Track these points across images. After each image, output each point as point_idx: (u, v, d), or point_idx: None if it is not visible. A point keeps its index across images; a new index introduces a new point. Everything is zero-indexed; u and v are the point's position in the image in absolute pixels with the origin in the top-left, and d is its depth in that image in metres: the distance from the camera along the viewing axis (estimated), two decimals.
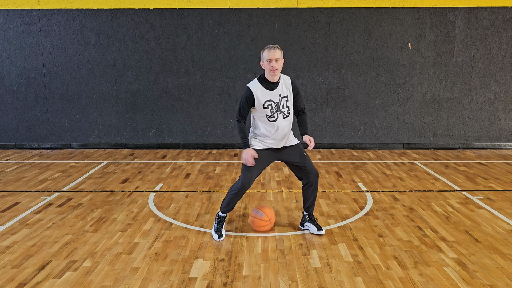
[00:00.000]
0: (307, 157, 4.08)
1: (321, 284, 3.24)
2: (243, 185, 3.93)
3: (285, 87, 3.91)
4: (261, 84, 3.89)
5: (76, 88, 8.31)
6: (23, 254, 3.75)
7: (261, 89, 3.86)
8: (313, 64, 8.22)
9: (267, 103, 3.85)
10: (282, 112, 3.90)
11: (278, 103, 3.87)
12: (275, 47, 3.80)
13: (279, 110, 3.88)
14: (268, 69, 3.80)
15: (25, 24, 8.11)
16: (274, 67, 3.77)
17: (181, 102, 8.36)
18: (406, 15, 8.05)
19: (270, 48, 3.79)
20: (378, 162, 7.29)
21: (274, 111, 3.87)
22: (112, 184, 5.93)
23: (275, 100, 3.86)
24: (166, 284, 3.25)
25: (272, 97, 3.86)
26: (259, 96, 3.84)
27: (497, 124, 8.35)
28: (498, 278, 3.31)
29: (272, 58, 3.76)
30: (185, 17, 8.11)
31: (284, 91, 3.90)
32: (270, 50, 3.78)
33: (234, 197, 4.01)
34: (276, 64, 3.77)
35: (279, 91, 3.88)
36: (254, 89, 3.86)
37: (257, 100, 3.85)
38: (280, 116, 3.90)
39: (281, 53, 3.82)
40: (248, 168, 3.93)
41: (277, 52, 3.78)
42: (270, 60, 3.77)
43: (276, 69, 3.78)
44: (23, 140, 8.50)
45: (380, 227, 4.35)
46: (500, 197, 5.31)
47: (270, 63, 3.77)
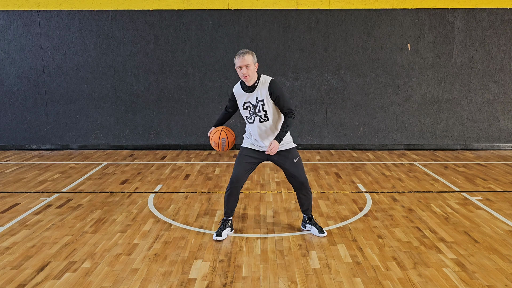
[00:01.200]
0: (297, 164, 4.03)
1: (320, 285, 3.24)
2: (231, 180, 4.01)
3: (262, 90, 3.86)
4: (241, 86, 3.94)
5: (76, 89, 8.31)
6: (23, 255, 3.75)
7: (241, 91, 3.93)
8: (312, 65, 8.23)
9: (246, 105, 3.93)
10: (259, 116, 3.90)
11: (254, 106, 3.89)
12: (245, 53, 3.78)
13: (255, 113, 3.90)
14: (241, 76, 3.83)
15: (25, 25, 8.12)
16: (244, 74, 3.79)
17: (180, 103, 8.36)
18: (405, 16, 8.07)
19: (239, 55, 3.79)
20: (377, 163, 7.29)
21: (251, 113, 3.92)
22: (111, 185, 5.94)
23: (252, 102, 3.90)
24: (165, 285, 3.25)
25: (250, 100, 3.90)
26: (238, 98, 3.96)
27: (496, 125, 8.36)
28: (497, 279, 3.32)
29: (241, 65, 3.77)
30: (184, 18, 8.12)
31: (261, 95, 3.86)
32: (240, 57, 3.78)
33: (228, 196, 4.07)
34: (247, 70, 3.77)
35: (256, 94, 3.87)
36: (235, 90, 3.99)
37: (238, 100, 3.96)
38: (256, 119, 3.92)
39: (252, 58, 3.81)
40: (237, 164, 4.02)
41: (246, 58, 3.76)
42: (240, 67, 3.79)
43: (247, 75, 3.79)
44: (23, 141, 8.50)
45: (379, 228, 4.35)
46: (499, 198, 5.31)
47: (240, 70, 3.80)
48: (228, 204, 4.09)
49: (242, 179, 4.02)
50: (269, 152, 3.83)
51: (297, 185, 4.08)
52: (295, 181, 4.07)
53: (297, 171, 4.03)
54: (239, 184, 4.02)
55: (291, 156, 4.02)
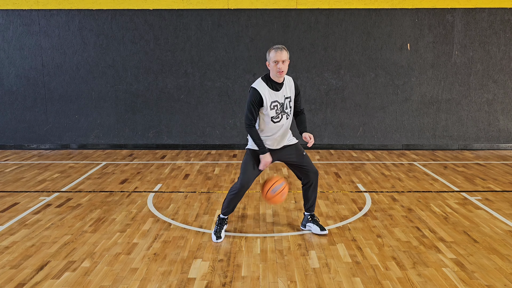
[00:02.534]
0: (306, 156, 4.07)
1: (320, 284, 3.25)
2: (242, 185, 3.93)
3: (288, 87, 3.89)
4: (267, 84, 3.83)
5: (75, 88, 8.31)
6: (22, 255, 3.75)
7: (268, 90, 3.81)
8: (312, 65, 8.23)
9: (273, 104, 3.82)
10: (286, 113, 3.89)
11: (283, 104, 3.86)
12: (282, 48, 3.75)
13: (283, 111, 3.87)
14: (275, 71, 3.75)
15: (24, 24, 8.11)
16: (280, 69, 3.73)
17: (180, 102, 8.36)
18: (405, 16, 8.07)
19: (277, 49, 3.74)
20: (377, 162, 7.29)
21: (279, 112, 3.85)
22: (111, 185, 5.93)
23: (280, 101, 3.85)
24: (165, 284, 3.25)
25: (277, 98, 3.83)
26: (266, 97, 3.79)
27: (495, 125, 8.37)
28: (496, 279, 3.32)
29: (279, 60, 3.72)
30: (184, 18, 8.12)
31: (287, 92, 3.88)
32: (277, 51, 3.73)
33: (234, 198, 4.01)
34: (283, 65, 3.74)
35: (284, 92, 3.86)
36: (261, 89, 3.79)
37: (265, 100, 3.78)
38: (284, 117, 3.89)
39: (288, 54, 3.79)
40: (247, 168, 3.93)
41: (284, 53, 3.74)
42: (277, 62, 3.72)
43: (283, 71, 3.75)
44: (22, 141, 8.50)
45: (378, 227, 4.36)
46: (498, 198, 5.32)
47: (277, 64, 3.72)
48: (230, 205, 4.06)
49: (251, 183, 3.99)
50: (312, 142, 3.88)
51: (310, 177, 4.05)
52: (308, 174, 4.04)
53: (309, 162, 4.06)
54: (248, 187, 3.98)
55: (299, 150, 4.04)
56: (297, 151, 4.04)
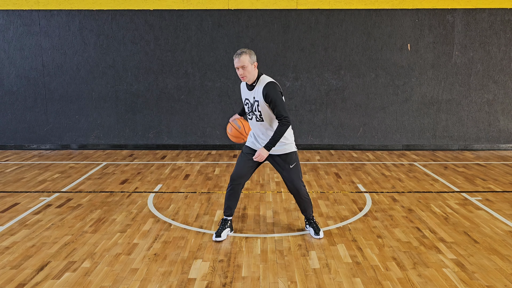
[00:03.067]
0: (292, 170, 3.96)
1: (320, 284, 3.25)
2: (231, 178, 4.04)
3: (259, 91, 3.83)
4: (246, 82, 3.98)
5: (76, 89, 8.31)
6: (22, 255, 3.75)
7: (244, 86, 4.00)
8: (312, 65, 8.23)
9: (246, 101, 3.98)
10: (255, 114, 3.92)
11: (252, 104, 3.91)
12: (241, 54, 3.74)
13: (252, 111, 3.93)
14: (239, 76, 3.86)
15: (25, 25, 8.12)
16: (241, 75, 3.81)
17: (180, 103, 8.36)
18: (405, 17, 8.07)
19: (236, 56, 3.78)
20: (377, 163, 7.29)
21: (249, 110, 3.96)
22: (111, 185, 5.94)
23: (250, 100, 3.93)
24: (165, 284, 3.25)
25: (248, 97, 3.94)
26: (242, 92, 4.03)
27: (496, 125, 8.37)
28: (496, 279, 3.32)
29: (238, 66, 3.78)
30: (184, 18, 8.12)
31: (257, 95, 3.86)
32: (236, 57, 3.77)
33: (229, 195, 4.08)
34: (244, 71, 3.77)
35: (254, 93, 3.88)
36: (242, 84, 4.04)
37: (241, 94, 4.04)
38: (253, 117, 3.95)
39: (250, 58, 3.75)
40: (237, 162, 4.06)
41: (242, 58, 3.73)
42: (237, 68, 3.81)
43: (244, 76, 3.80)
44: (23, 141, 8.50)
45: (379, 228, 4.35)
46: (498, 198, 5.31)
47: (238, 70, 3.82)
48: (228, 203, 4.09)
49: (243, 176, 4.01)
50: (256, 159, 3.84)
51: (291, 190, 4.07)
52: (289, 187, 4.06)
53: (290, 177, 3.97)
54: (240, 181, 4.02)
55: (288, 161, 3.97)
56: (286, 161, 3.96)
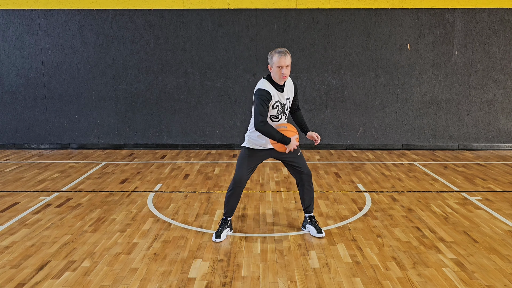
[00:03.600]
0: (301, 156, 4.09)
1: (320, 284, 3.25)
2: (235, 181, 4.00)
3: (289, 89, 3.93)
4: (273, 85, 3.84)
5: (75, 88, 8.31)
6: (22, 254, 3.75)
7: (274, 90, 3.82)
8: (312, 65, 8.23)
9: (276, 104, 3.86)
10: (285, 114, 3.97)
11: (284, 105, 3.91)
12: (286, 53, 3.74)
13: (283, 111, 3.93)
14: (279, 75, 3.75)
15: (25, 24, 8.11)
16: (284, 74, 3.74)
17: (180, 102, 8.36)
18: (405, 16, 8.07)
19: (281, 54, 3.71)
20: (377, 162, 7.29)
21: (280, 112, 3.90)
22: (111, 185, 5.93)
23: (282, 102, 3.89)
24: (165, 284, 3.25)
25: (280, 99, 3.87)
26: (273, 97, 3.81)
27: (495, 125, 8.37)
28: (496, 279, 3.32)
29: (283, 65, 3.71)
30: (184, 18, 8.11)
31: (288, 93, 3.93)
32: (281, 56, 3.71)
33: (230, 196, 4.06)
34: (287, 70, 3.75)
35: (285, 93, 3.90)
36: (270, 90, 3.78)
37: (273, 100, 3.81)
38: (283, 117, 3.96)
39: (291, 58, 3.80)
40: (241, 165, 4.00)
41: (288, 58, 3.74)
42: (280, 67, 3.71)
43: (286, 75, 3.76)
44: (22, 140, 8.50)
45: (378, 227, 4.36)
46: (498, 198, 5.32)
47: (280, 69, 3.72)
48: (228, 204, 4.09)
49: (245, 180, 4.02)
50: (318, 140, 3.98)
51: (302, 177, 4.08)
52: (300, 174, 4.08)
53: (303, 163, 4.09)
54: (242, 184, 4.01)
55: (295, 150, 4.04)
56: (293, 151, 4.03)
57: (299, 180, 4.13)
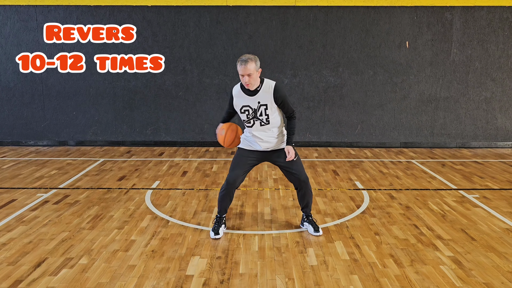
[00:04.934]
0: (297, 162, 4.00)
1: (318, 281, 3.25)
2: (227, 181, 3.98)
3: (266, 95, 3.79)
4: (241, 88, 3.84)
5: (73, 85, 8.28)
6: (19, 251, 3.74)
7: (241, 94, 3.82)
8: (310, 63, 8.22)
9: (244, 108, 3.83)
10: (260, 120, 3.85)
11: (255, 110, 3.82)
12: (247, 61, 3.63)
13: (256, 117, 3.84)
14: (243, 83, 3.74)
15: (22, 20, 8.07)
16: (246, 83, 3.71)
17: (178, 99, 8.34)
18: (403, 14, 8.06)
19: (241, 63, 3.65)
20: (375, 160, 7.30)
21: (250, 117, 3.84)
22: (108, 182, 5.92)
23: (253, 106, 3.81)
24: (162, 281, 3.25)
25: (249, 103, 3.81)
26: (237, 100, 3.85)
27: (493, 123, 8.38)
28: (493, 276, 3.33)
29: (244, 74, 3.67)
30: (182, 15, 8.09)
31: (264, 99, 3.79)
32: (242, 65, 3.64)
33: (223, 196, 4.06)
34: (250, 79, 3.68)
35: (258, 98, 3.79)
36: (235, 91, 3.88)
37: (235, 104, 3.87)
38: (257, 122, 3.86)
39: (255, 65, 3.67)
40: (235, 166, 3.98)
41: (249, 67, 3.62)
42: (242, 75, 3.69)
43: (249, 84, 3.71)
44: (20, 137, 8.47)
45: (376, 225, 4.36)
46: (496, 196, 5.33)
47: (242, 77, 3.70)
48: (222, 204, 4.09)
49: (238, 180, 4.01)
50: (290, 159, 3.87)
51: (298, 183, 4.04)
52: (296, 180, 4.03)
53: (298, 168, 4.00)
54: (235, 185, 4.00)
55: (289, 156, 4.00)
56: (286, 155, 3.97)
57: (296, 185, 4.10)
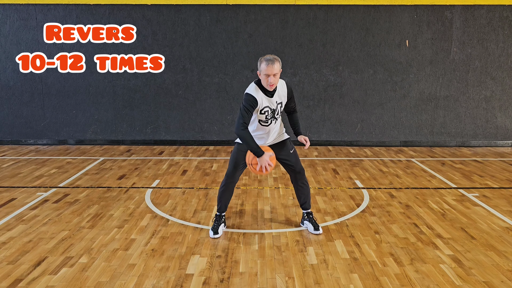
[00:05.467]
0: (294, 154, 4.08)
1: (318, 280, 3.25)
2: (227, 176, 4.01)
3: (281, 93, 3.86)
4: (261, 89, 3.78)
5: (73, 84, 8.28)
6: (19, 250, 3.74)
7: (261, 95, 3.77)
8: (310, 61, 8.22)
9: (265, 109, 3.81)
10: (276, 118, 3.91)
11: (274, 110, 3.85)
12: (274, 61, 3.63)
13: (273, 116, 3.88)
14: (265, 84, 3.69)
15: (22, 19, 8.06)
16: (271, 83, 3.67)
17: (178, 98, 8.34)
18: (403, 13, 8.06)
19: (268, 62, 3.62)
20: (374, 159, 7.30)
21: (269, 117, 3.86)
22: (108, 180, 5.92)
23: (272, 107, 3.84)
24: (162, 280, 3.25)
25: (269, 104, 3.82)
26: (260, 102, 3.74)
27: (493, 122, 8.38)
28: (493, 275, 3.33)
29: (270, 74, 3.63)
30: (182, 13, 8.08)
31: (280, 98, 3.86)
32: (269, 65, 3.61)
33: (223, 192, 4.08)
34: (274, 79, 3.66)
35: (276, 98, 3.84)
36: (257, 96, 3.73)
37: (260, 106, 3.76)
38: (273, 121, 3.92)
39: (280, 65, 3.69)
40: (234, 161, 3.99)
41: (276, 66, 3.63)
42: (268, 75, 3.65)
43: (273, 84, 3.68)
44: (19, 136, 8.47)
45: (376, 224, 4.36)
46: (495, 195, 5.33)
47: (267, 78, 3.65)
48: (222, 200, 4.10)
49: (237, 175, 4.04)
50: (308, 145, 3.96)
51: (295, 175, 4.10)
52: (293, 171, 4.09)
53: (295, 160, 4.07)
54: (234, 180, 4.03)
55: (287, 147, 4.05)
56: (285, 147, 4.04)
57: (292, 177, 4.15)
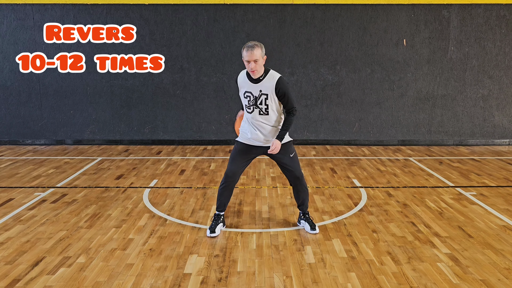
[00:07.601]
0: (293, 158, 4.03)
1: (315, 279, 3.26)
2: (226, 175, 4.01)
3: (267, 84, 3.81)
4: (246, 75, 3.89)
5: (70, 84, 8.26)
6: (17, 250, 3.74)
7: (245, 79, 3.88)
8: (308, 61, 8.22)
9: (246, 94, 3.88)
10: (259, 108, 3.86)
11: (256, 98, 3.84)
12: (253, 47, 3.65)
13: (255, 104, 3.86)
14: (248, 70, 3.76)
15: (19, 19, 8.05)
16: (252, 69, 3.71)
17: (176, 98, 8.34)
18: (401, 12, 8.07)
19: (248, 48, 3.66)
20: (372, 158, 7.31)
21: (251, 103, 3.87)
22: (106, 180, 5.92)
23: (254, 94, 3.84)
24: (160, 280, 3.25)
25: (252, 90, 3.84)
26: (241, 85, 3.91)
27: (490, 120, 8.40)
28: (490, 273, 3.34)
29: (250, 60, 3.67)
30: (180, 13, 8.08)
31: (265, 89, 3.81)
32: (248, 50, 3.65)
33: (222, 190, 4.07)
34: (255, 65, 3.69)
35: (261, 87, 3.82)
36: (240, 78, 3.94)
37: (239, 88, 3.93)
38: (256, 110, 3.88)
39: (261, 52, 3.69)
40: (233, 160, 4.00)
41: (255, 52, 3.64)
42: (248, 61, 3.69)
43: (255, 70, 3.72)
44: (17, 136, 8.45)
45: (374, 223, 4.37)
46: (493, 193, 5.34)
47: (248, 64, 3.71)
48: (221, 199, 4.10)
49: (237, 174, 4.03)
50: (271, 151, 3.85)
51: (293, 179, 4.09)
52: (291, 176, 4.07)
53: (293, 166, 4.03)
54: (234, 178, 4.03)
55: (288, 151, 4.01)
56: (283, 150, 3.98)
57: (291, 181, 4.13)
